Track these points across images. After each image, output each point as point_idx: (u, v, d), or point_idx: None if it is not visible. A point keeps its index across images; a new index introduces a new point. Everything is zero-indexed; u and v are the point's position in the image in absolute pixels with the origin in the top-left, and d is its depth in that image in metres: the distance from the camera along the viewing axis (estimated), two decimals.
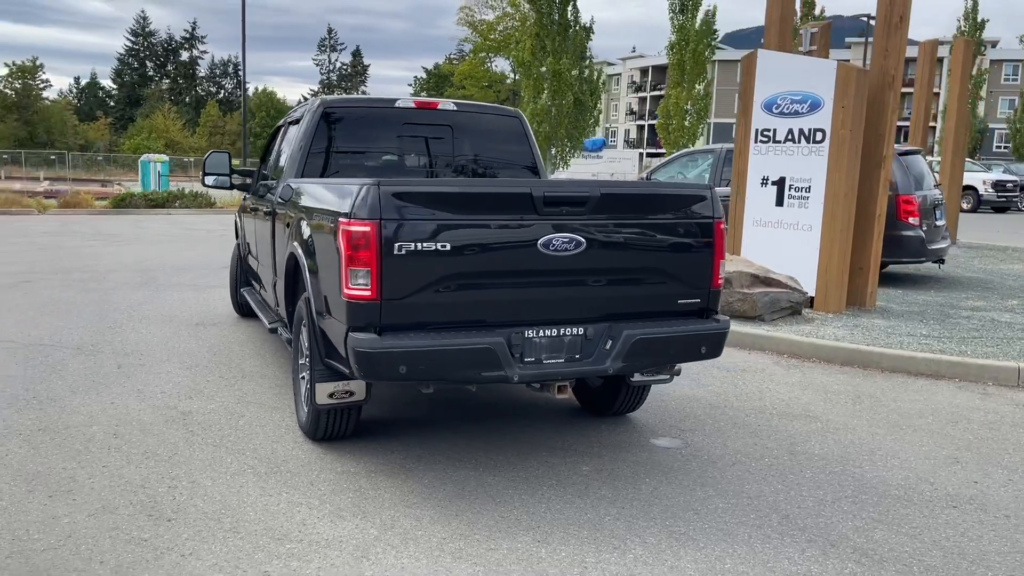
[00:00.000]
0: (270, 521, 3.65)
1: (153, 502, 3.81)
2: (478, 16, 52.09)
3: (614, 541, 3.56)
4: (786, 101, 8.76)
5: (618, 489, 4.14)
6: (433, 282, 3.80)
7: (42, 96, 75.68)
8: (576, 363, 4.10)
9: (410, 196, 3.77)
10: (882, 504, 4.05)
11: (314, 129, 5.60)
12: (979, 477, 4.46)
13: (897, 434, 5.15)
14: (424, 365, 3.78)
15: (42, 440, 4.56)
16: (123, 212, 22.72)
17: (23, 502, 3.76)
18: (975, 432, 5.23)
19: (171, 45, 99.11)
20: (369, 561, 3.32)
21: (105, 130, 75.87)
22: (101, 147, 71.28)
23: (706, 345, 4.32)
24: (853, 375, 6.63)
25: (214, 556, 3.31)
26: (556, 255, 3.95)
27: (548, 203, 3.93)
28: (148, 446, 4.53)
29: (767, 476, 4.38)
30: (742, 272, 8.13)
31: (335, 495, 3.96)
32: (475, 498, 3.98)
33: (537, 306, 4.03)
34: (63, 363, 6.25)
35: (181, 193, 23.95)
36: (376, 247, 3.68)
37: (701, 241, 4.30)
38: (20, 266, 11.68)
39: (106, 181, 45.80)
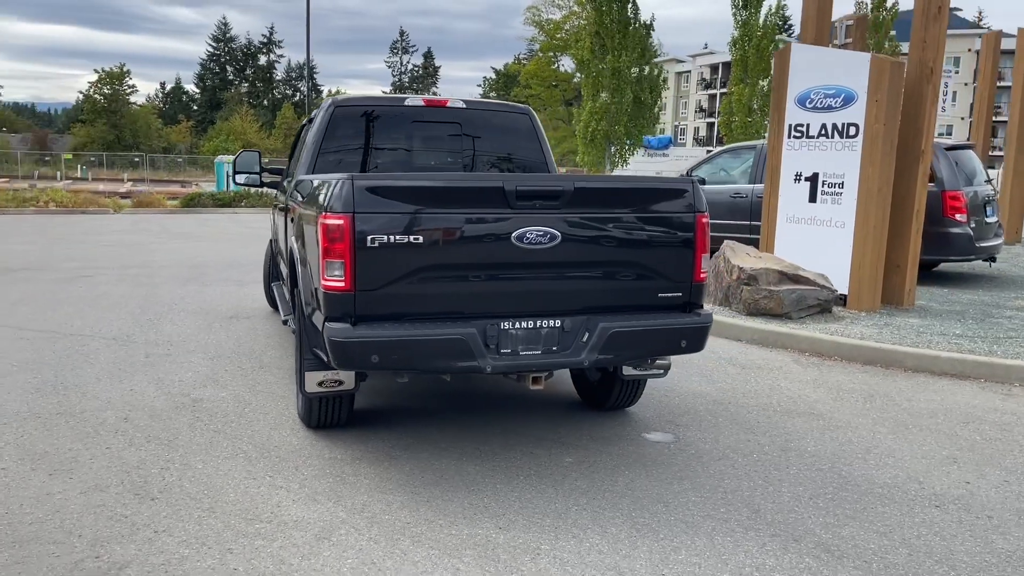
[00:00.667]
0: (247, 503, 3.81)
1: (143, 482, 4.01)
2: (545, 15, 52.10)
3: (575, 530, 3.61)
4: (819, 95, 8.60)
5: (595, 481, 4.18)
6: (407, 274, 3.91)
7: (129, 101, 78.67)
8: (553, 355, 4.16)
9: (384, 190, 3.88)
10: (861, 502, 3.99)
11: (325, 128, 5.78)
12: (973, 478, 4.35)
13: (900, 433, 5.05)
14: (396, 355, 3.88)
15: (57, 423, 4.83)
16: (191, 211, 23.54)
17: (25, 478, 4.01)
18: (985, 433, 5.09)
19: (250, 50, 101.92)
20: (330, 542, 3.44)
21: (187, 133, 78.54)
22: (182, 149, 73.86)
23: (686, 339, 4.32)
24: (873, 374, 6.50)
25: (185, 533, 3.48)
26: (530, 248, 4.01)
27: (521, 197, 3.99)
28: (153, 430, 4.75)
29: (750, 472, 4.35)
30: (769, 269, 8.03)
31: (315, 480, 4.10)
32: (450, 486, 4.07)
33: (513, 298, 4.10)
34: (96, 352, 6.57)
35: (247, 193, 24.67)
36: (350, 240, 3.80)
37: (681, 235, 4.30)
38: (84, 261, 12.25)
39: (185, 182, 47.51)
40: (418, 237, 3.88)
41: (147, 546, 3.36)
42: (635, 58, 32.12)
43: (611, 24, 31.67)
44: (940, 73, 8.51)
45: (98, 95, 74.18)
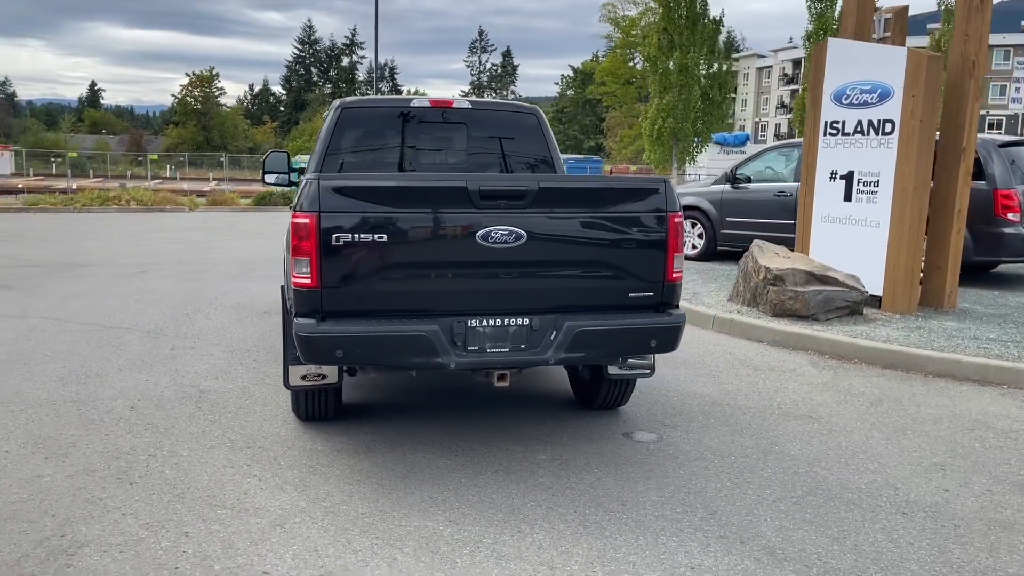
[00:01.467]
0: (216, 489, 3.98)
1: (128, 467, 4.24)
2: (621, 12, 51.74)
3: (523, 526, 3.66)
4: (855, 91, 8.38)
5: (560, 478, 4.22)
6: (372, 272, 4.02)
7: (219, 103, 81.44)
8: (519, 353, 4.21)
9: (349, 190, 4.00)
10: (825, 507, 3.92)
11: (332, 129, 5.94)
12: (955, 486, 4.22)
13: (896, 439, 4.92)
14: (360, 350, 4.00)
15: (68, 410, 5.12)
16: (262, 209, 24.29)
17: (21, 461, 4.28)
18: (987, 441, 4.92)
19: (333, 52, 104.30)
20: (282, 529, 3.58)
21: (271, 133, 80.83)
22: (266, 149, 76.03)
23: (656, 339, 4.31)
24: (890, 378, 6.32)
25: (150, 517, 3.67)
26: (496, 247, 4.07)
27: (485, 196, 4.05)
28: (154, 419, 4.99)
29: (722, 473, 4.32)
30: (796, 270, 7.87)
31: (288, 470, 4.25)
32: (417, 479, 4.17)
33: (480, 296, 4.16)
34: (127, 344, 6.91)
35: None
36: (315, 238, 3.93)
37: (652, 235, 4.29)
38: (145, 258, 12.82)
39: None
40: (383, 236, 3.99)
41: (111, 527, 3.55)
42: (704, 54, 31.62)
43: (679, 20, 31.26)
44: (983, 67, 8.19)
45: (189, 98, 77.02)
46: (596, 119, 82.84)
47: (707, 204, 12.08)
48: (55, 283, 10.13)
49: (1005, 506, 3.98)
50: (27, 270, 11.22)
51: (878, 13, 8.57)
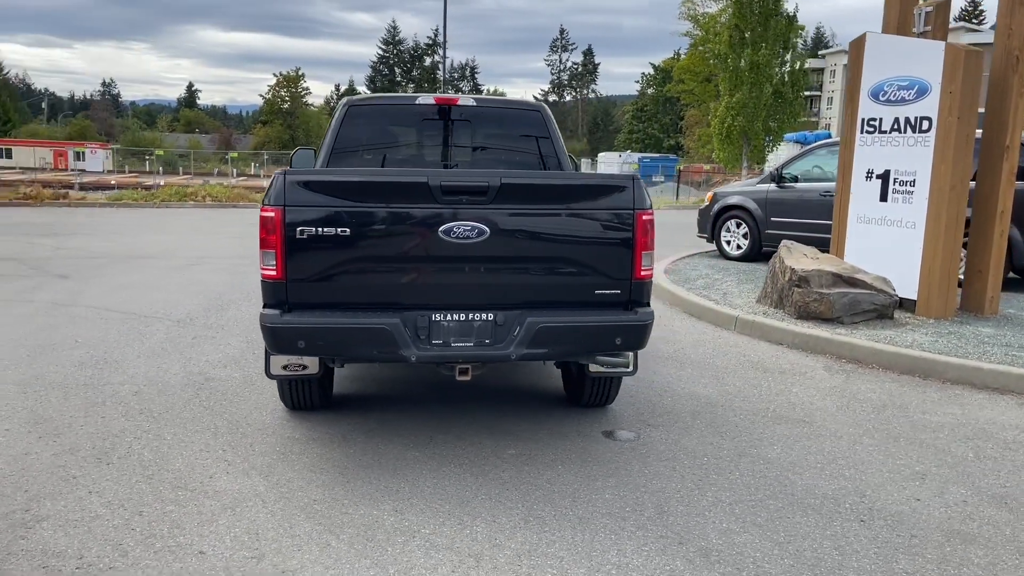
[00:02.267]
0: (186, 472, 4.14)
1: (111, 448, 4.44)
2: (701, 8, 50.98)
3: (466, 518, 3.70)
4: (892, 88, 8.11)
5: (521, 473, 4.24)
6: (336, 265, 4.11)
7: (305, 103, 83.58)
8: (483, 348, 4.24)
9: (314, 184, 4.10)
10: (781, 512, 3.84)
11: (338, 127, 6.07)
12: (929, 496, 4.07)
13: (885, 445, 4.77)
14: (321, 341, 4.10)
15: (76, 393, 5.39)
16: None
17: (16, 440, 4.53)
18: (983, 451, 4.72)
19: (416, 52, 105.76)
20: (231, 512, 3.70)
21: None
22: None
23: (621, 336, 4.28)
24: (904, 384, 6.11)
25: (114, 495, 3.85)
26: (459, 242, 4.12)
27: (447, 192, 4.10)
28: (152, 404, 5.21)
29: (687, 474, 4.27)
30: (822, 271, 7.67)
31: (260, 456, 4.39)
32: (382, 469, 4.25)
33: (444, 291, 4.21)
34: (154, 333, 7.21)
35: None
36: (280, 231, 4.05)
37: (619, 232, 4.26)
38: (204, 251, 13.30)
39: None
40: (346, 230, 4.08)
41: (74, 504, 3.74)
42: (777, 51, 30.87)
43: (751, 16, 30.60)
44: None
45: (276, 98, 79.29)
46: (676, 117, 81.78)
47: (752, 204, 11.85)
48: (110, 274, 10.61)
49: (974, 518, 3.82)
50: (90, 261, 11.78)
51: (919, 7, 8.26)
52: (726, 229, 12.22)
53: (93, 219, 19.37)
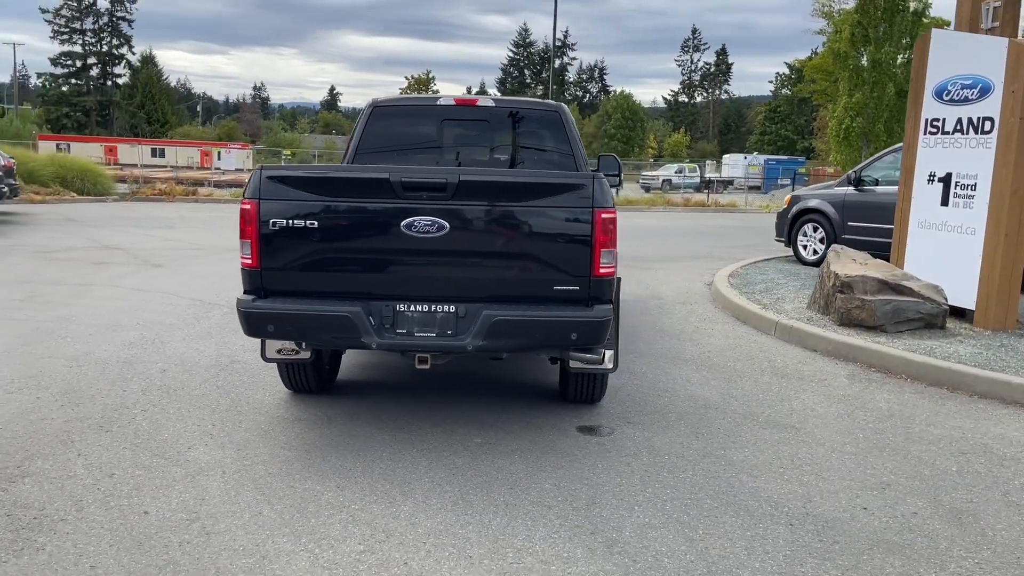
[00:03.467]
0: (170, 443, 4.52)
1: (116, 419, 4.88)
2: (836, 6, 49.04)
3: (400, 498, 3.89)
4: (956, 87, 7.74)
5: (476, 460, 4.39)
6: (305, 255, 4.39)
7: None
8: (444, 339, 4.42)
9: (286, 179, 4.39)
10: (713, 512, 3.84)
11: (363, 128, 6.39)
12: (879, 506, 3.96)
13: (865, 455, 4.64)
14: (289, 327, 4.39)
15: (113, 369, 5.91)
16: None
17: (40, 406, 5.04)
18: (970, 466, 4.52)
19: (546, 53, 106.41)
20: (190, 480, 4.03)
21: None
22: None
23: (576, 332, 4.35)
24: (925, 395, 5.87)
25: (97, 459, 4.26)
26: (420, 236, 4.31)
27: (407, 188, 4.30)
28: (172, 382, 5.66)
29: (638, 471, 4.31)
30: (867, 277, 7.41)
31: (242, 432, 4.72)
32: (344, 449, 4.50)
33: (407, 283, 4.42)
34: (208, 318, 7.75)
35: None
36: (255, 222, 4.36)
37: (575, 230, 4.34)
38: None
39: None
40: (314, 222, 4.35)
41: (59, 464, 4.17)
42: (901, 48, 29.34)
43: (875, 12, 29.21)
44: None
45: None
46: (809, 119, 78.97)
47: (828, 207, 11.46)
48: (199, 264, 11.40)
49: (915, 530, 3.70)
50: (188, 252, 12.67)
51: (987, 2, 7.83)
52: (803, 233, 11.86)
53: (213, 214, 20.68)
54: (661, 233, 18.59)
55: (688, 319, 8.40)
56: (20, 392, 5.30)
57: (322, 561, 3.27)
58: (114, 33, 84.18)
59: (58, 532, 3.46)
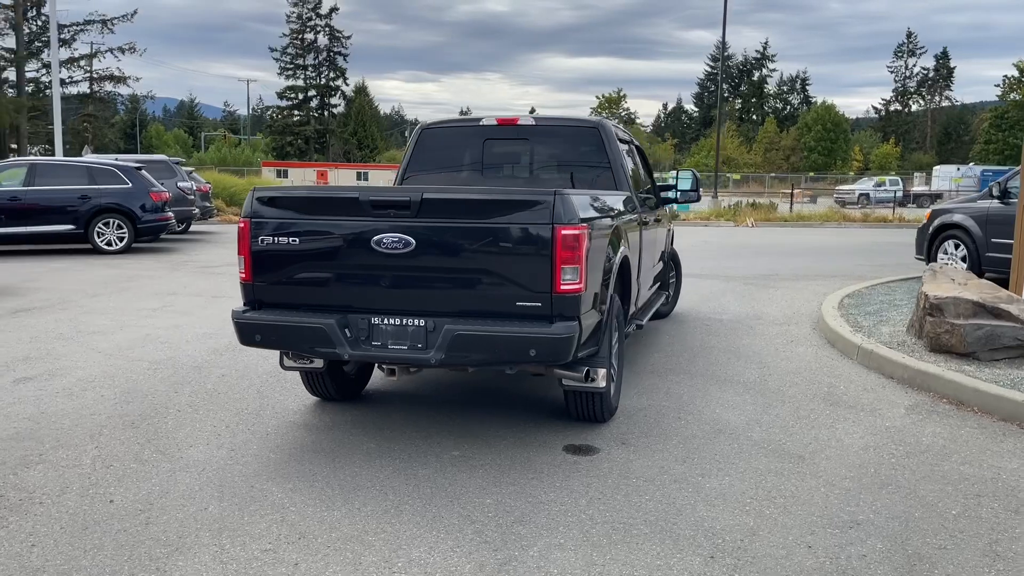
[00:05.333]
0: (177, 441, 4.93)
1: (149, 415, 5.38)
2: None
3: (339, 502, 4.06)
4: None
5: (438, 472, 4.46)
6: (289, 270, 4.69)
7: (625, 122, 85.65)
8: (415, 351, 4.56)
9: (272, 200, 4.72)
10: (633, 540, 3.70)
11: (412, 149, 6.67)
12: (830, 545, 3.65)
13: (858, 492, 4.28)
14: (273, 336, 4.70)
15: (181, 373, 6.50)
16: None
17: (94, 403, 5.65)
18: (978, 511, 4.05)
19: (745, 66, 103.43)
20: (169, 475, 4.40)
21: (670, 150, 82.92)
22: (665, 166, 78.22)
23: (535, 348, 4.34)
24: (987, 432, 5.29)
25: (109, 452, 4.72)
26: (389, 252, 4.49)
27: (375, 206, 4.50)
28: (223, 385, 6.15)
29: (590, 493, 4.20)
30: (961, 299, 6.74)
31: (246, 434, 5.07)
32: (323, 456, 4.71)
33: (380, 297, 4.60)
34: None
35: None
36: (247, 240, 4.72)
37: (537, 247, 4.34)
38: None
39: None
40: (296, 240, 4.64)
41: (74, 454, 4.68)
42: None
43: None
44: None
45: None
46: None
47: (970, 222, 10.44)
48: None
49: (846, 574, 3.38)
50: None
51: None
52: (942, 251, 10.88)
53: None
54: (815, 250, 17.63)
55: (773, 341, 7.98)
56: (90, 390, 5.97)
57: (224, 557, 3.49)
58: (331, 67, 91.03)
59: (30, 513, 3.91)
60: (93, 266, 13.49)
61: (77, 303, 9.80)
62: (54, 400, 5.70)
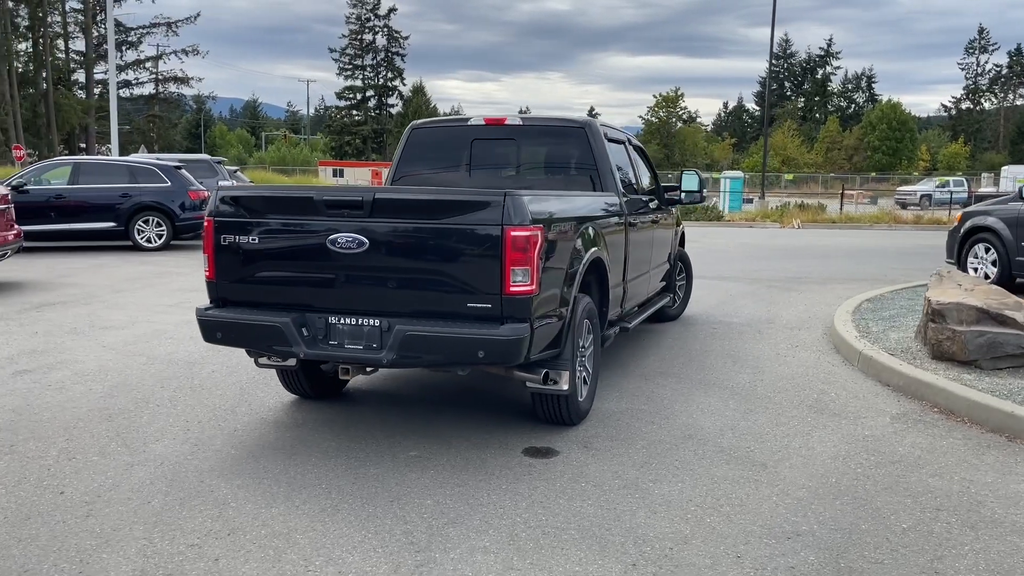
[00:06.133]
0: (146, 435, 5.02)
1: (129, 409, 5.50)
2: None
3: (280, 500, 4.09)
4: None
5: (388, 472, 4.47)
6: (249, 268, 4.75)
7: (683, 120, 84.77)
8: (369, 351, 4.57)
9: (234, 199, 4.79)
10: (560, 544, 3.65)
11: (403, 148, 6.70)
12: (760, 556, 3.56)
13: (813, 502, 4.16)
14: (232, 334, 4.76)
15: (174, 368, 6.62)
16: None
17: (83, 395, 5.79)
18: (930, 527, 3.91)
19: (808, 64, 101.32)
20: (126, 469, 4.48)
21: (728, 150, 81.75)
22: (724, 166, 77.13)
23: (484, 350, 4.31)
24: (970, 443, 5.10)
25: (76, 444, 4.84)
26: (344, 252, 4.52)
27: (329, 206, 4.53)
28: (209, 382, 6.24)
29: (532, 495, 4.16)
30: (963, 304, 6.50)
31: (215, 430, 5.14)
32: (281, 453, 4.74)
33: (337, 296, 4.63)
34: None
35: (694, 208, 25.63)
36: (212, 238, 4.80)
37: (485, 248, 4.31)
38: None
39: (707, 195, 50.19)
40: (255, 239, 4.70)
41: (43, 446, 4.80)
42: None
43: None
44: None
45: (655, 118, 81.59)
46: None
47: (1000, 225, 10.04)
48: None
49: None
50: None
51: None
52: (973, 254, 10.50)
53: None
54: (855, 253, 17.18)
55: (778, 345, 7.80)
56: (80, 383, 6.13)
57: (149, 551, 3.55)
58: (389, 67, 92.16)
59: None
60: (129, 263, 13.87)
61: (101, 298, 10.09)
62: (44, 393, 5.86)
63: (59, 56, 58.35)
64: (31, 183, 15.84)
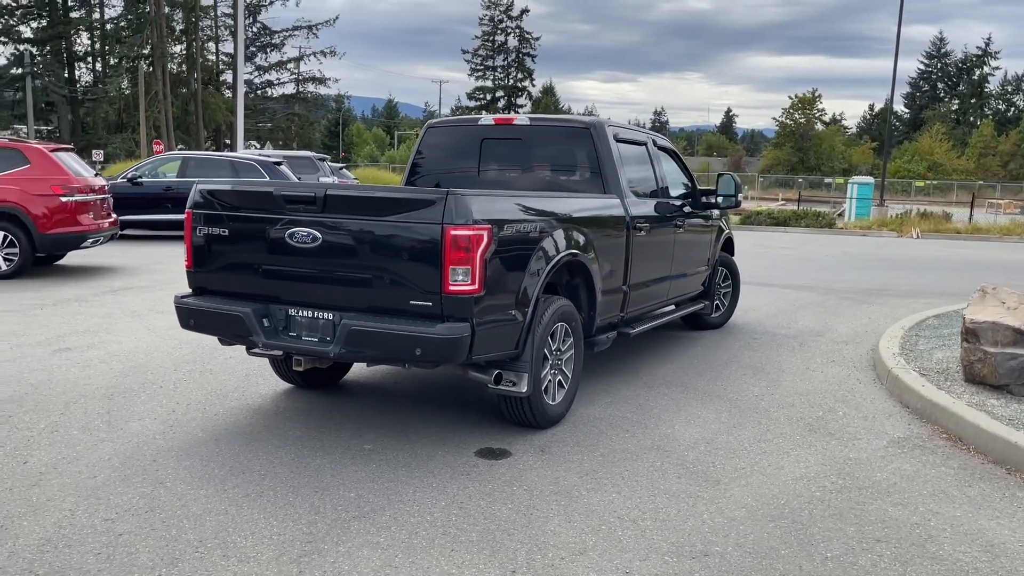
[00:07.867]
0: (130, 414, 5.30)
1: (133, 389, 5.83)
2: None
3: (214, 481, 4.25)
4: None
5: (333, 463, 4.54)
6: (220, 260, 4.95)
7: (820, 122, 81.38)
8: (322, 344, 4.68)
9: (211, 193, 4.99)
10: (470, 551, 3.62)
11: (418, 146, 6.79)
12: (648, 575, 3.41)
13: (732, 525, 3.96)
14: (202, 322, 4.97)
15: (191, 352, 6.96)
16: (746, 228, 24.53)
17: (100, 374, 6.17)
18: (858, 559, 3.65)
19: (965, 64, 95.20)
20: (92, 446, 4.75)
21: (870, 154, 77.81)
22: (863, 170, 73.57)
23: (421, 348, 4.33)
24: (961, 473, 4.72)
25: (68, 419, 5.17)
26: (300, 246, 4.64)
27: (288, 201, 4.66)
28: (223, 355, 6.57)
29: (466, 498, 4.14)
30: (999, 324, 5.99)
31: (191, 412, 5.37)
32: (242, 440, 4.88)
33: (295, 289, 4.76)
34: None
35: (804, 212, 24.62)
36: (190, 230, 5.03)
37: (425, 246, 4.33)
38: None
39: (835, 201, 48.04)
40: (225, 231, 4.89)
41: (39, 418, 5.15)
42: None
43: None
44: None
45: (789, 120, 78.68)
46: None
47: None
48: None
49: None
50: None
51: None
52: None
53: None
54: (961, 265, 16.03)
55: (812, 360, 7.42)
56: (105, 363, 6.55)
57: (65, 522, 3.73)
58: (519, 68, 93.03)
59: None
60: None
61: (175, 284, 10.66)
62: (70, 370, 6.29)
63: (209, 58, 62.11)
64: (146, 176, 16.97)
